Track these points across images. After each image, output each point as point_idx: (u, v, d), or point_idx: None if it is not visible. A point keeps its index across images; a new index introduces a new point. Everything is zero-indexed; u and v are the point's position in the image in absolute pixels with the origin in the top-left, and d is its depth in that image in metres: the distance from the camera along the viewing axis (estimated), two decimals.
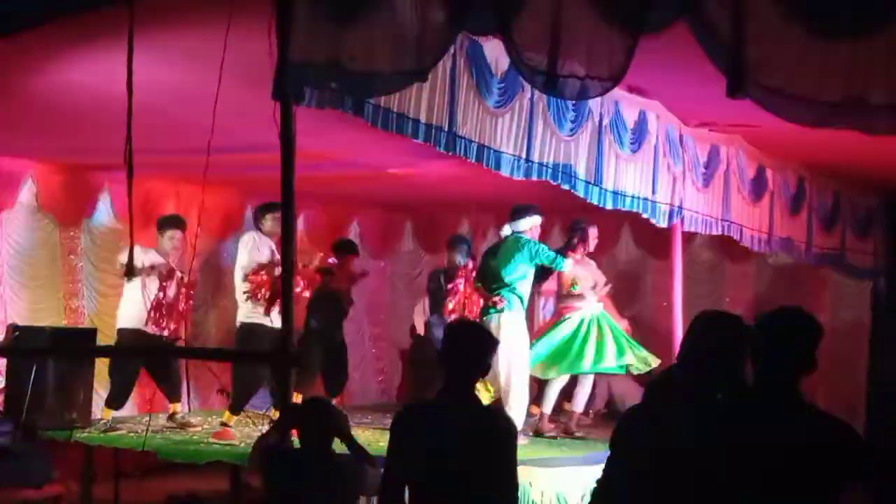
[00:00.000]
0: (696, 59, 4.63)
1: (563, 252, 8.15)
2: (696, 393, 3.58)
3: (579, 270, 8.54)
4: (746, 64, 4.29)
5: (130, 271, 5.10)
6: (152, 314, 8.03)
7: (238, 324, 8.08)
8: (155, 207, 10.12)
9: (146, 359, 8.30)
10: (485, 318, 7.78)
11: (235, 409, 7.93)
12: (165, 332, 8.08)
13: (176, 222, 8.46)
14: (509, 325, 7.70)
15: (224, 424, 7.83)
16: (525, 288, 7.86)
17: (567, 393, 8.88)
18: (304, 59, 4.68)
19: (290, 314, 4.46)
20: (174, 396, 8.35)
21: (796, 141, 7.53)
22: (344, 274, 9.09)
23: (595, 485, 3.78)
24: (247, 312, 7.98)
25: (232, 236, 11.13)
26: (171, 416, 8.20)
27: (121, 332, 8.22)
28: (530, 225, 7.98)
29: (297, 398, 7.67)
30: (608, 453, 3.76)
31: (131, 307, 8.16)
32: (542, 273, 8.25)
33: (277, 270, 7.81)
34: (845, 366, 10.09)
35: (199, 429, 8.16)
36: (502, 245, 7.97)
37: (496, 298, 7.73)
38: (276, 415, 7.73)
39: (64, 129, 7.70)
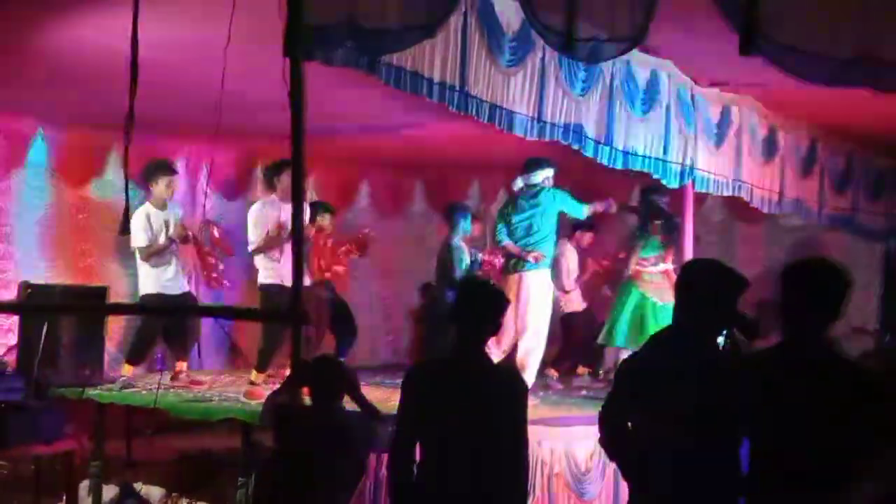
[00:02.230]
0: (708, 17, 4.60)
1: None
2: (695, 338, 3.69)
3: None
4: (759, 21, 4.26)
5: (125, 228, 5.11)
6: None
7: (258, 285, 8.09)
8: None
9: (163, 318, 8.33)
10: (513, 275, 7.77)
11: (262, 367, 7.98)
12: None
13: (166, 168, 8.37)
14: (537, 282, 7.72)
15: (252, 384, 7.86)
16: (552, 242, 7.90)
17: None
18: (320, 19, 4.66)
19: (301, 273, 4.46)
20: (182, 355, 8.38)
21: (808, 101, 7.49)
22: None
23: (600, 412, 4.02)
24: (265, 274, 8.00)
25: (240, 197, 11.15)
26: (176, 375, 8.23)
27: (144, 297, 8.14)
28: (543, 177, 7.99)
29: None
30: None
31: (151, 272, 8.13)
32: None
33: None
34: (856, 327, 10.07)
35: (206, 386, 8.21)
36: (523, 200, 7.94)
37: (536, 253, 7.72)
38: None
39: (73, 87, 7.68)
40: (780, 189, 8.83)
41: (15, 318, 8.38)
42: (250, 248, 8.10)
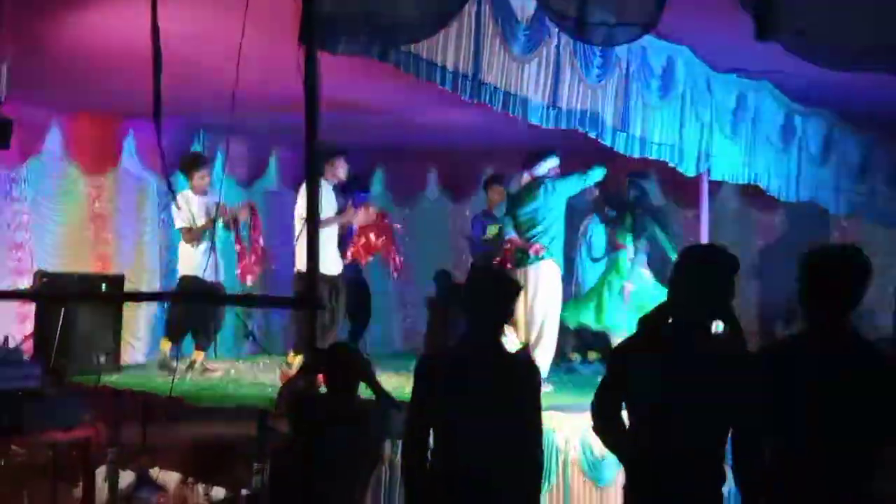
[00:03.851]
0: (724, 2, 4.57)
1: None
2: (688, 321, 3.69)
3: None
4: (775, 6, 4.23)
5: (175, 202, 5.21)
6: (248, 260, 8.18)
7: (296, 270, 8.12)
8: (179, 155, 10.14)
9: (194, 305, 8.40)
10: (522, 268, 7.76)
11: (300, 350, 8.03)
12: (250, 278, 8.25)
13: (201, 160, 8.46)
14: (548, 273, 7.71)
15: (289, 364, 7.89)
16: (560, 232, 7.87)
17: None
18: (335, 9, 4.66)
19: (316, 259, 4.45)
20: (203, 344, 8.42)
21: (826, 87, 7.44)
22: None
23: (592, 400, 4.09)
24: (304, 259, 8.00)
25: (255, 184, 11.16)
26: (191, 365, 8.27)
27: (182, 279, 8.28)
28: (548, 168, 7.96)
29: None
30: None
31: (191, 254, 8.22)
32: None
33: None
34: (872, 314, 10.02)
35: (220, 373, 8.22)
36: (527, 192, 7.93)
37: (536, 246, 7.71)
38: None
39: (89, 76, 7.70)
40: (797, 176, 8.79)
41: (31, 307, 8.43)
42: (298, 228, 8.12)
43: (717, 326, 4.35)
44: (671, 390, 3.69)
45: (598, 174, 7.93)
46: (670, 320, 3.85)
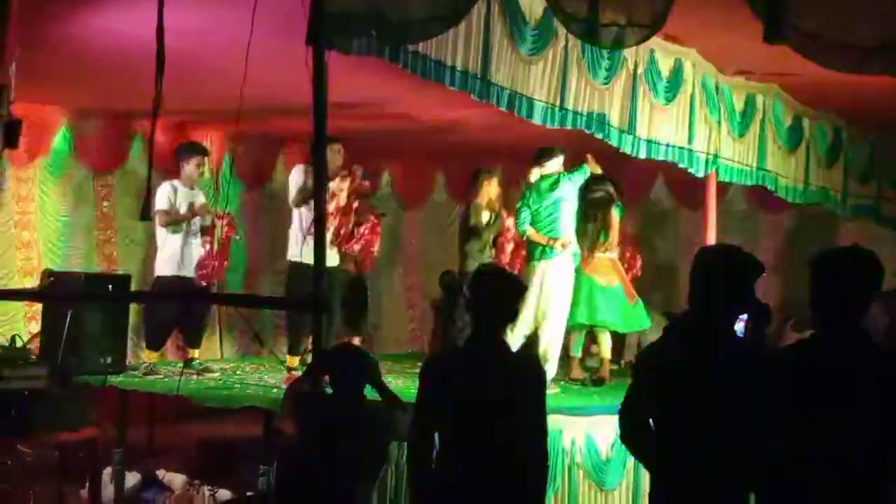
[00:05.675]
0: (733, 5, 4.57)
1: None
2: (711, 326, 3.66)
3: None
4: (783, 9, 4.23)
5: (146, 212, 5.11)
6: (206, 262, 8.13)
7: (289, 262, 8.10)
8: None
9: (180, 304, 8.33)
10: (538, 262, 7.72)
11: (295, 351, 8.00)
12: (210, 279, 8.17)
13: (198, 149, 8.42)
14: (562, 269, 7.69)
15: (290, 369, 7.85)
16: (573, 228, 7.86)
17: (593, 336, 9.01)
18: (343, 8, 4.66)
19: (323, 257, 4.46)
20: (194, 343, 8.39)
21: (833, 90, 7.44)
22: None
23: (620, 408, 3.94)
24: (294, 251, 7.98)
25: (262, 185, 11.16)
26: (188, 363, 8.24)
27: (160, 279, 8.15)
28: (557, 166, 7.94)
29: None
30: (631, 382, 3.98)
31: (170, 254, 8.15)
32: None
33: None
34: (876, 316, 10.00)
35: (218, 374, 8.22)
36: (546, 187, 7.86)
37: (563, 240, 7.67)
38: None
39: (98, 76, 7.71)
40: (805, 178, 8.79)
41: (38, 306, 8.43)
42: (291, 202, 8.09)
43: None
44: (696, 396, 3.64)
45: (584, 170, 7.94)
46: (694, 323, 3.80)
